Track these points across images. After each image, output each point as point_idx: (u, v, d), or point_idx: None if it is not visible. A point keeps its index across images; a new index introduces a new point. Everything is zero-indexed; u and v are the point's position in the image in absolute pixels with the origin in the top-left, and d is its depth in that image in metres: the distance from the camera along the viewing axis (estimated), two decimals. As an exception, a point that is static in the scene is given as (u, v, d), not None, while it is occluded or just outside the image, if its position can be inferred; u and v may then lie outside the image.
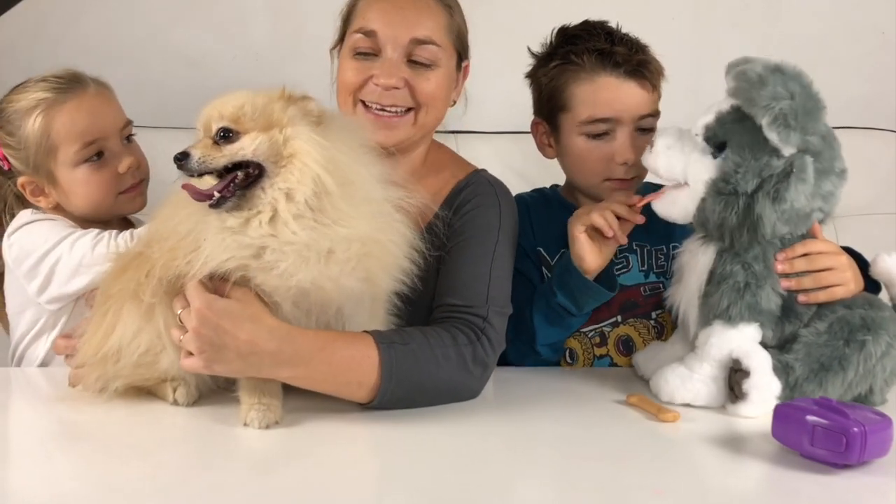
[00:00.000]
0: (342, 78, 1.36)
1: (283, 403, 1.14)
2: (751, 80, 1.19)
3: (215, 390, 1.21)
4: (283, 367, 1.12)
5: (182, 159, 1.11)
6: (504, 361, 1.38)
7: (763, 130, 1.19)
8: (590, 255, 1.35)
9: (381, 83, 1.33)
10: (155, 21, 2.09)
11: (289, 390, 1.17)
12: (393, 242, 1.16)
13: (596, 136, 1.47)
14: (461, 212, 1.35)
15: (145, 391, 1.21)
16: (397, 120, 1.35)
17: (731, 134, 1.23)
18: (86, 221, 1.46)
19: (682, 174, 1.27)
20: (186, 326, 1.10)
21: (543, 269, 1.51)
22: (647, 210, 1.37)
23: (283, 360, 1.11)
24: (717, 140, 1.25)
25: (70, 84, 1.44)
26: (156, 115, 1.84)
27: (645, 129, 1.48)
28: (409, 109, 1.35)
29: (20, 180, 1.45)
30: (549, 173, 1.74)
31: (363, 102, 1.35)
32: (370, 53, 1.34)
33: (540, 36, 1.60)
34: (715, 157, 1.25)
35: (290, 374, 1.13)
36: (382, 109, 1.34)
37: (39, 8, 2.09)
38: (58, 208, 1.46)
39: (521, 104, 1.40)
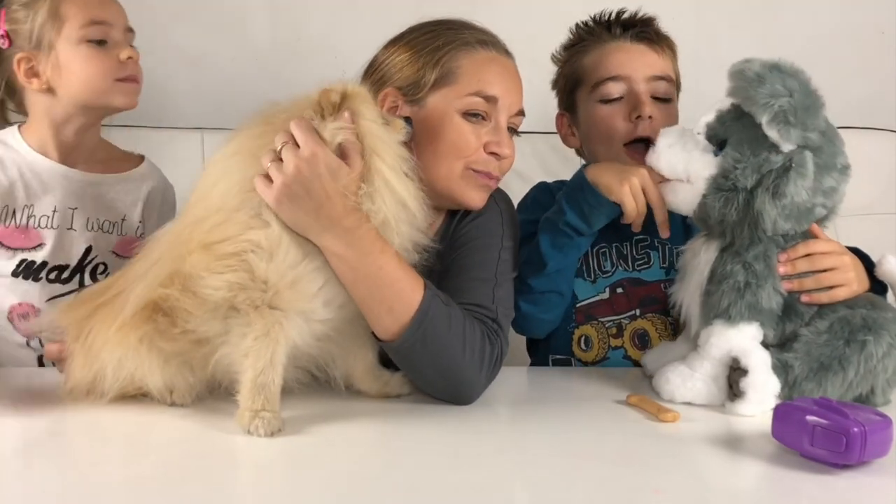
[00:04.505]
0: (455, 139, 1.31)
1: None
2: (749, 78, 1.20)
3: (212, 391, 1.21)
4: (342, 243, 1.12)
5: None
6: None
7: (763, 128, 1.20)
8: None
9: (502, 153, 1.33)
10: (155, 21, 2.09)
11: (287, 394, 1.16)
12: None
13: (610, 100, 1.50)
14: (463, 221, 1.36)
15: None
16: (494, 185, 1.36)
17: (731, 131, 1.24)
18: (78, 110, 1.47)
19: (684, 172, 1.27)
20: (285, 158, 1.11)
21: None
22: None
23: (347, 239, 1.12)
24: (718, 138, 1.25)
25: None
26: (156, 115, 1.85)
27: (661, 98, 1.49)
28: None
29: (17, 56, 1.44)
30: (550, 174, 1.74)
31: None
32: (480, 115, 1.32)
33: (540, 38, 1.60)
34: (716, 154, 1.25)
35: (343, 253, 1.13)
36: (490, 176, 1.34)
37: (39, 8, 2.08)
38: (49, 92, 1.46)
39: (520, 105, 1.41)
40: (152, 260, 1.17)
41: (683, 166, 1.27)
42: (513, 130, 1.37)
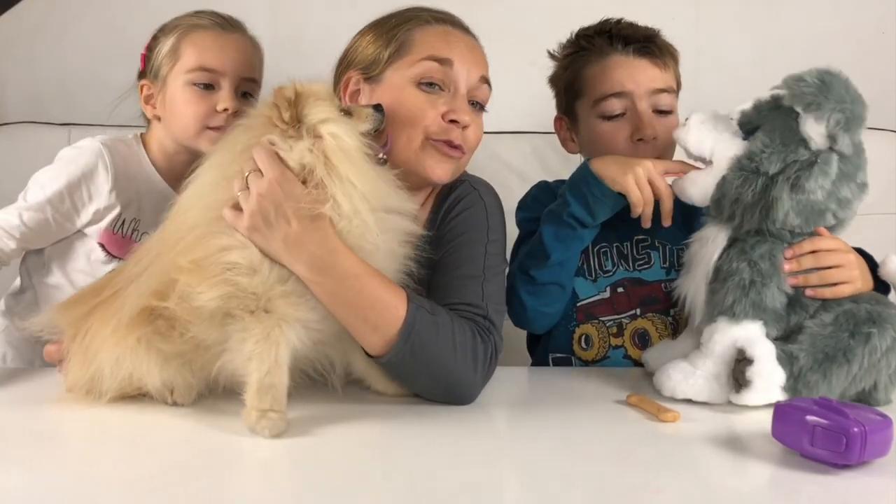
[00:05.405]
0: (410, 108, 1.29)
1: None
2: (814, 84, 1.20)
3: (212, 391, 1.21)
4: (315, 271, 1.13)
5: None
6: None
7: (806, 128, 1.20)
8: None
9: (461, 120, 1.30)
10: (155, 21, 2.08)
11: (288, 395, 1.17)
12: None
13: (612, 117, 1.49)
14: (448, 217, 1.35)
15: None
16: (458, 156, 1.33)
17: (765, 119, 1.25)
18: (177, 145, 1.53)
19: (709, 151, 1.29)
20: (250, 188, 1.12)
21: None
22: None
23: (319, 266, 1.13)
24: (750, 126, 1.27)
25: (224, 22, 1.55)
26: (156, 115, 1.83)
27: (662, 110, 1.49)
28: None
29: (141, 82, 1.55)
30: (549, 174, 1.74)
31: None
32: (436, 85, 1.31)
33: (538, 37, 1.60)
34: (745, 140, 1.26)
35: (318, 280, 1.13)
36: (451, 145, 1.31)
37: (39, 8, 2.09)
38: (156, 120, 1.54)
39: (518, 105, 1.41)
40: (144, 264, 1.17)
41: (710, 145, 1.28)
42: (479, 105, 1.36)
